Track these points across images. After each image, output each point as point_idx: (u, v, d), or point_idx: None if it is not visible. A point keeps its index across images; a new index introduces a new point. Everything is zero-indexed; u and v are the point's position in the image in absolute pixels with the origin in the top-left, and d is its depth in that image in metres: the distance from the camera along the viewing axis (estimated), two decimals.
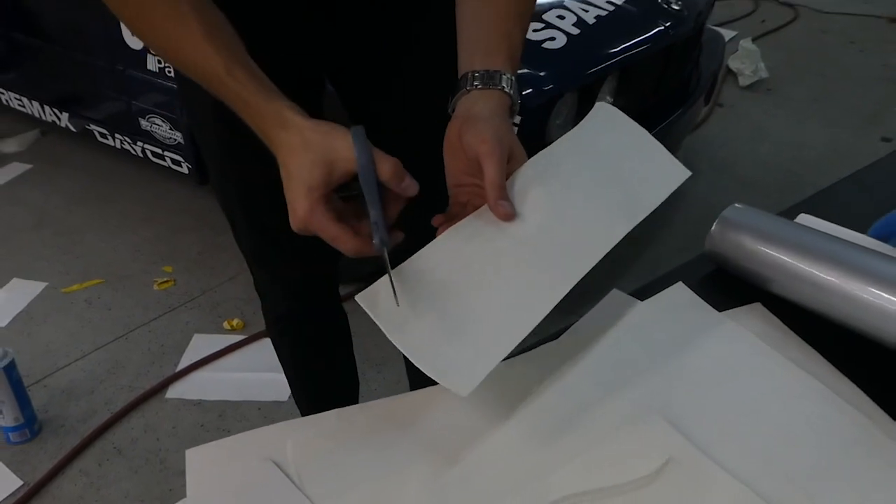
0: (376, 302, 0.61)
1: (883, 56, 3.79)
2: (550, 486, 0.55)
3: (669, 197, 0.73)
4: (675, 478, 0.56)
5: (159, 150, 2.24)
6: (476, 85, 0.71)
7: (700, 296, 0.75)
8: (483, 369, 0.56)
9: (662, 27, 1.96)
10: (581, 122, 0.77)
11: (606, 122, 0.78)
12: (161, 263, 2.18)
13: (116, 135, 2.32)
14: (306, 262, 1.11)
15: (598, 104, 0.79)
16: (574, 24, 1.79)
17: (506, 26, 0.75)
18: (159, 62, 2.02)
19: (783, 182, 2.60)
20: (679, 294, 0.75)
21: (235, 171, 1.01)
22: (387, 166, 0.62)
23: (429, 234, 0.67)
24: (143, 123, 2.19)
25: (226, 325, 1.95)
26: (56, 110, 2.45)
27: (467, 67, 0.72)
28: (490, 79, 0.71)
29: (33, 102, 2.50)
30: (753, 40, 3.70)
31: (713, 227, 0.77)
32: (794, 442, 0.59)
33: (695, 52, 2.27)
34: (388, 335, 0.58)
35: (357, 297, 0.61)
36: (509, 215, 0.65)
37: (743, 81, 3.39)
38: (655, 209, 0.71)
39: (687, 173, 0.76)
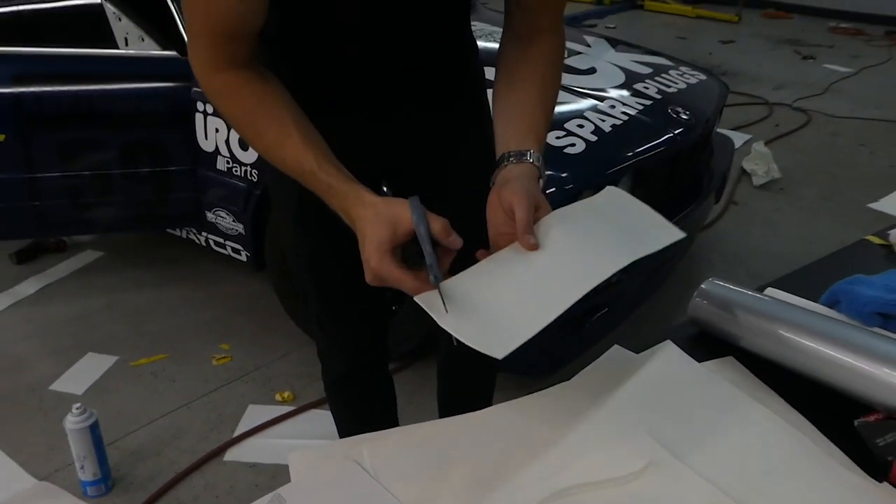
0: (429, 303, 0.78)
1: (892, 157, 4.01)
2: (557, 480, 0.73)
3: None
4: (654, 477, 0.74)
5: (221, 240, 2.49)
6: (511, 160, 0.93)
7: (685, 351, 0.94)
8: (513, 343, 0.72)
9: (672, 134, 2.21)
10: (593, 197, 0.95)
11: (614, 197, 0.96)
12: (219, 341, 2.40)
13: (184, 226, 2.59)
14: (362, 328, 1.33)
15: (607, 187, 0.98)
16: (592, 132, 2.04)
17: (533, 119, 0.98)
18: (228, 162, 2.30)
19: None
20: (667, 349, 0.94)
21: (309, 251, 1.25)
22: (438, 224, 0.83)
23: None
24: (209, 216, 2.45)
25: (277, 397, 2.15)
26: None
27: (503, 149, 0.95)
28: (521, 155, 0.93)
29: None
30: (767, 143, 3.94)
31: (693, 298, 0.97)
32: (752, 457, 0.77)
33: (704, 155, 2.51)
34: (437, 320, 0.76)
35: (416, 298, 0.79)
36: (533, 245, 0.83)
37: (756, 181, 3.62)
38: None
39: (681, 234, 0.90)
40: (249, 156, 2.23)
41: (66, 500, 0.81)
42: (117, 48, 2.29)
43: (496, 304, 0.80)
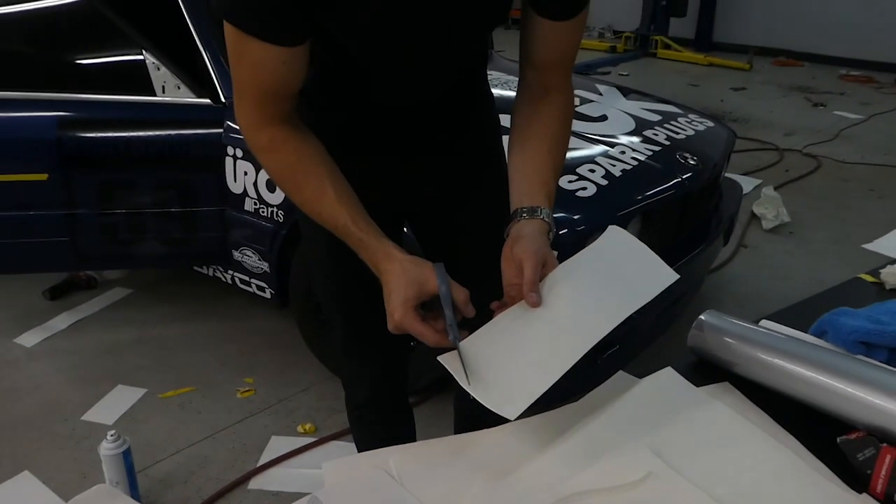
0: (453, 367, 0.89)
1: None
2: (564, 487, 0.81)
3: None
4: (653, 485, 0.82)
5: (247, 278, 2.60)
6: (524, 216, 1.03)
7: (684, 376, 1.02)
8: (523, 404, 0.83)
9: (680, 178, 2.30)
10: (598, 239, 1.06)
11: (616, 238, 1.06)
12: (243, 375, 2.49)
13: (211, 265, 2.70)
14: (384, 358, 1.42)
15: (610, 227, 1.09)
16: (603, 177, 2.14)
17: (545, 176, 1.09)
18: (255, 203, 2.41)
19: None
20: (667, 374, 1.02)
21: (339, 291, 1.35)
22: (461, 295, 0.94)
23: (486, 317, 0.97)
24: (236, 255, 2.56)
25: (299, 428, 2.22)
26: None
27: (517, 205, 1.05)
28: (533, 212, 1.03)
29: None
30: (777, 188, 4.03)
31: (692, 328, 1.06)
32: (744, 470, 0.85)
33: (712, 199, 2.61)
34: (460, 382, 0.87)
35: (439, 357, 0.90)
36: (536, 303, 0.93)
37: (766, 225, 3.70)
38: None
39: (675, 276, 1.01)
40: (276, 197, 2.34)
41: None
42: (155, 95, 2.42)
43: (507, 365, 0.90)
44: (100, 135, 2.42)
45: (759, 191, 3.96)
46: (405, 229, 1.39)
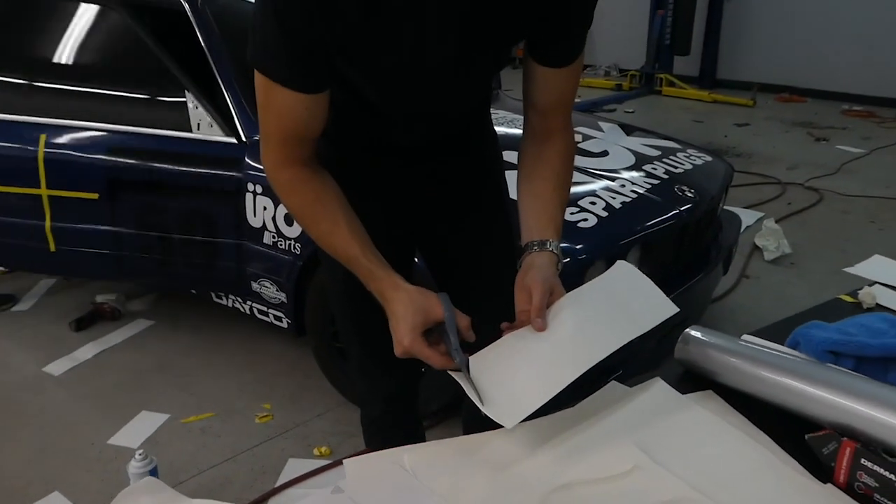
0: (465, 385, 0.99)
1: None
2: (560, 477, 0.91)
3: None
4: (639, 476, 0.92)
5: (264, 308, 2.71)
6: (534, 249, 1.14)
7: (671, 385, 1.12)
8: (520, 416, 0.93)
9: (678, 210, 2.41)
10: (606, 272, 1.16)
11: (622, 273, 1.15)
12: (261, 401, 2.59)
13: (230, 295, 2.82)
14: (397, 377, 1.53)
15: (618, 262, 1.18)
16: (604, 209, 2.26)
17: (552, 211, 1.19)
18: (274, 237, 2.53)
19: None
20: (655, 384, 1.12)
21: (355, 313, 1.46)
22: (464, 321, 1.05)
23: (485, 337, 1.07)
24: (255, 285, 2.68)
25: (315, 451, 2.32)
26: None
27: (527, 239, 1.16)
28: (543, 244, 1.14)
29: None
30: (779, 220, 4.13)
31: (678, 342, 1.16)
32: (722, 464, 0.95)
33: (711, 230, 2.71)
34: (471, 398, 0.97)
35: (454, 376, 1.00)
36: (541, 328, 1.03)
37: (767, 256, 3.79)
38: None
39: (675, 309, 1.09)
40: (294, 230, 2.46)
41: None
42: (190, 131, 2.63)
43: (508, 381, 0.99)
44: (140, 163, 2.66)
45: (761, 223, 4.06)
46: (416, 259, 1.50)
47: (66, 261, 2.86)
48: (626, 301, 1.10)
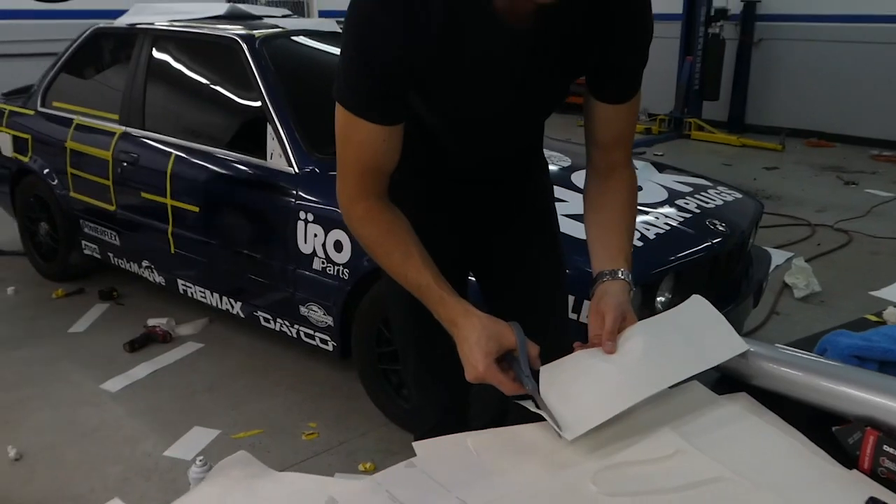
0: (545, 413, 1.06)
1: None
2: (610, 459, 1.02)
3: None
4: (681, 459, 1.02)
5: (311, 332, 2.84)
6: (606, 278, 1.23)
7: (709, 388, 1.22)
8: (581, 429, 1.02)
9: (710, 242, 2.52)
10: (679, 305, 1.21)
11: (696, 305, 1.22)
12: (308, 420, 2.71)
13: (279, 319, 2.96)
14: (450, 389, 1.64)
15: (693, 296, 1.24)
16: (638, 239, 2.37)
17: (621, 242, 1.28)
18: (323, 263, 2.68)
19: None
20: (693, 386, 1.22)
21: (415, 332, 1.56)
22: (534, 350, 1.11)
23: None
24: (303, 310, 2.82)
25: (360, 467, 2.42)
26: (231, 300, 3.13)
27: (599, 268, 1.25)
28: (614, 274, 1.23)
29: (213, 294, 3.19)
30: (808, 260, 4.20)
31: None
32: (756, 453, 1.05)
33: (741, 264, 2.81)
34: (553, 426, 1.04)
35: (534, 409, 1.08)
36: (611, 351, 1.11)
37: (797, 294, 3.86)
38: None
39: (745, 347, 1.16)
40: (342, 257, 2.61)
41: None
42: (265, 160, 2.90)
43: (573, 394, 1.07)
44: (228, 186, 3.02)
45: (790, 262, 4.13)
46: (470, 277, 1.62)
47: (180, 263, 3.27)
48: (697, 334, 1.16)
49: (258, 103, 2.90)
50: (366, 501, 0.96)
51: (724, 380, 1.25)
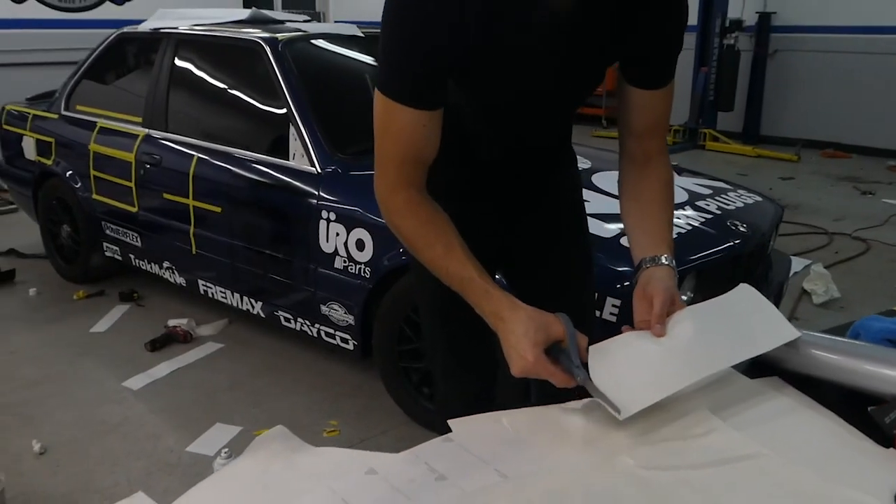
0: (602, 399, 1.05)
1: None
2: (649, 436, 1.02)
3: None
4: (716, 436, 1.02)
5: (331, 331, 2.86)
6: (648, 266, 1.22)
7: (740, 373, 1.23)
8: (636, 407, 1.02)
9: (731, 243, 2.53)
10: (727, 293, 1.20)
11: (744, 294, 1.21)
12: (328, 418, 2.72)
13: (299, 318, 2.97)
14: (477, 381, 1.64)
15: (740, 284, 1.23)
16: None
17: (662, 229, 1.28)
18: (345, 261, 2.69)
19: None
20: (726, 372, 1.23)
21: (446, 323, 1.56)
22: (583, 342, 1.09)
23: None
24: (324, 309, 2.83)
25: None
26: (252, 300, 3.15)
27: (641, 255, 1.24)
28: (655, 260, 1.22)
29: (235, 294, 3.21)
30: (826, 267, 4.18)
31: None
32: (792, 433, 1.05)
33: (762, 264, 2.81)
34: (611, 411, 1.03)
35: (592, 392, 1.06)
36: (660, 334, 1.10)
37: (816, 300, 3.84)
38: None
39: (797, 334, 1.13)
40: (364, 255, 2.63)
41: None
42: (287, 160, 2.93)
43: (622, 374, 1.06)
44: (250, 186, 3.02)
45: (809, 269, 4.11)
46: (497, 276, 1.63)
47: (202, 264, 3.31)
48: (746, 321, 1.16)
49: (281, 105, 2.94)
50: (405, 472, 0.98)
51: (756, 364, 1.26)
